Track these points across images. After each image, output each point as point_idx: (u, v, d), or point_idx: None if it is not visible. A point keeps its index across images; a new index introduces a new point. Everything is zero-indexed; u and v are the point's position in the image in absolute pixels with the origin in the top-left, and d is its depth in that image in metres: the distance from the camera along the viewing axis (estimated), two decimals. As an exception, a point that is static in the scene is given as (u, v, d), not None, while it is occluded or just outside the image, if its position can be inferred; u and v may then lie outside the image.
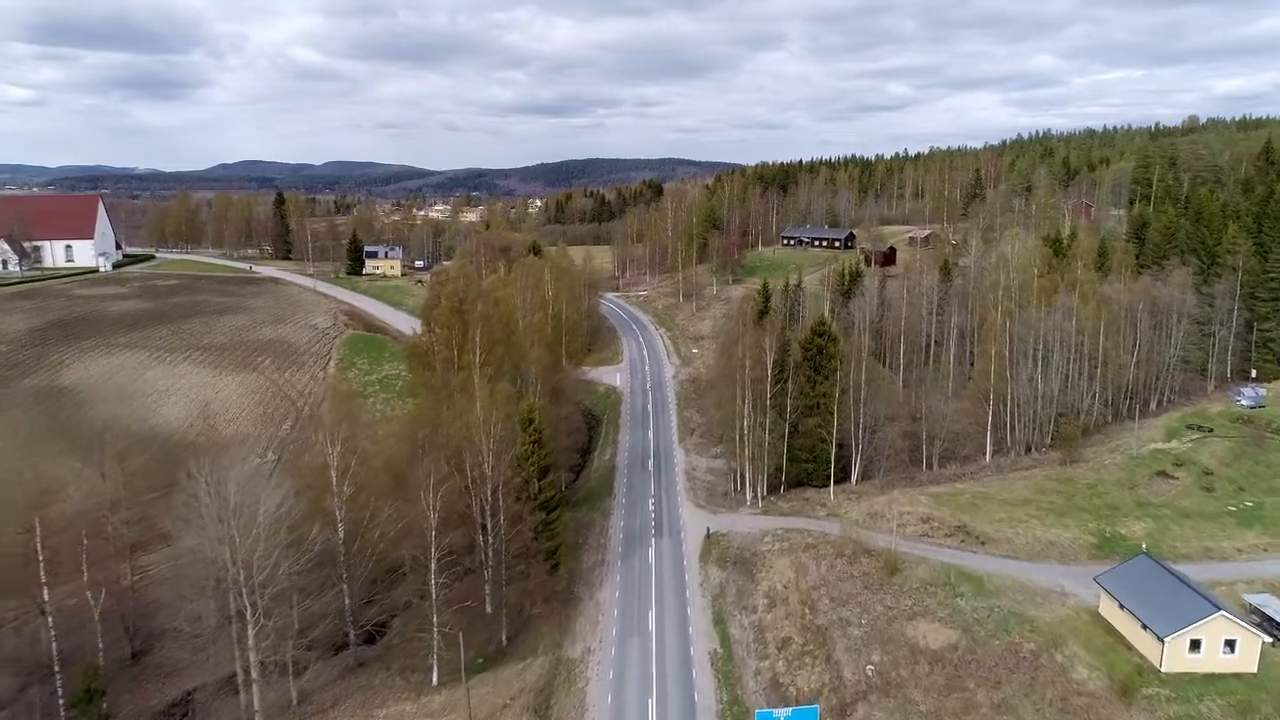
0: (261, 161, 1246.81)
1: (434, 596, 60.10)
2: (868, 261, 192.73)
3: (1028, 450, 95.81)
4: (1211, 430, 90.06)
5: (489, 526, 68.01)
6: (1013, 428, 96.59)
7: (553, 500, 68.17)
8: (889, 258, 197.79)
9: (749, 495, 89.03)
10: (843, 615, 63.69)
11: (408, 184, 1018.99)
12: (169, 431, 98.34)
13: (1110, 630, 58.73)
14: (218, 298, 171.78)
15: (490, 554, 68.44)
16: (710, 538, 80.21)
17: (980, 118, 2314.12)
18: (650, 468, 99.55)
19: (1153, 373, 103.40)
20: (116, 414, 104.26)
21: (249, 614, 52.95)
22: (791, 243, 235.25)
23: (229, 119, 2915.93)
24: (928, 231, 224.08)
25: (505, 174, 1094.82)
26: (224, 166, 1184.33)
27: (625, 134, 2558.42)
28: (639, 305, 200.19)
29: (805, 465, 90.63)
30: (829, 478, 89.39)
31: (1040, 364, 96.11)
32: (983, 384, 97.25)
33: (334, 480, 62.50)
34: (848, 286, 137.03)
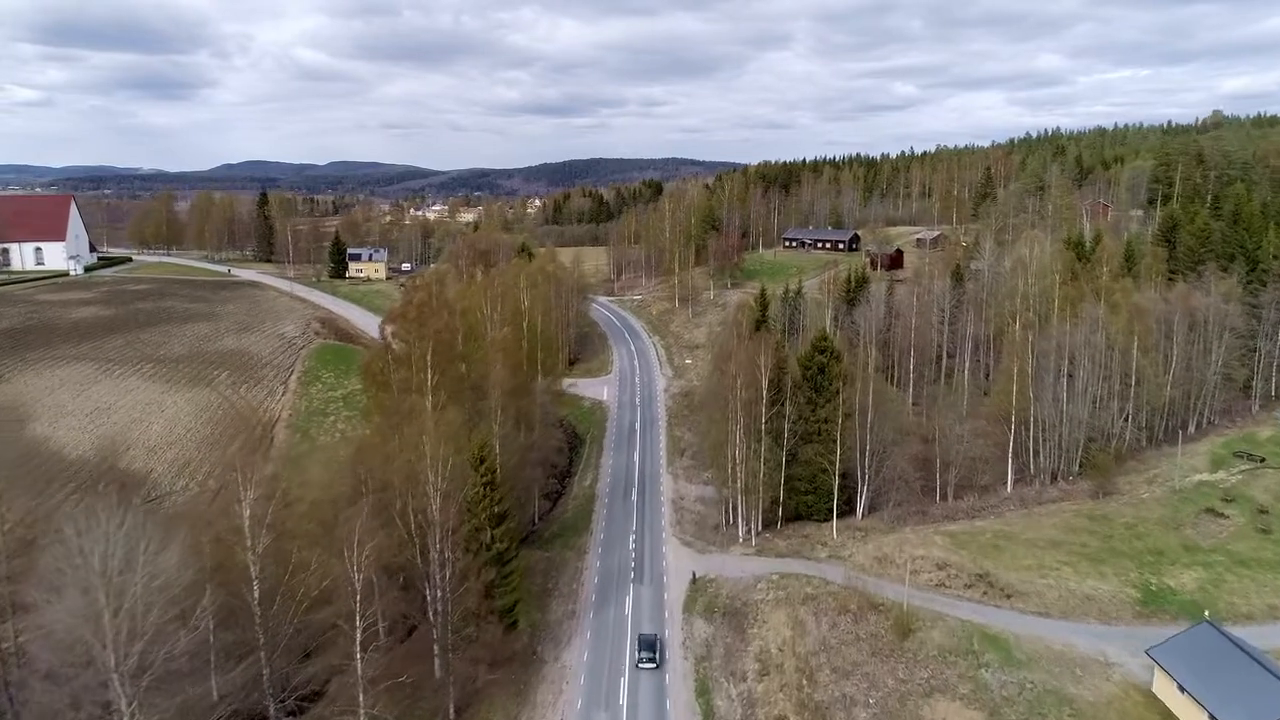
0: (266, 162, 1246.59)
1: (359, 673, 50.56)
2: (873, 265, 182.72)
3: (1053, 479, 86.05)
4: (1264, 459, 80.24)
5: (438, 579, 58.64)
6: (1036, 453, 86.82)
7: (509, 552, 58.57)
8: (896, 261, 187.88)
9: (741, 531, 79.46)
10: (846, 691, 54.06)
11: (411, 184, 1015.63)
12: (101, 456, 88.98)
13: (1168, 717, 49.08)
14: (186, 304, 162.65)
15: (439, 611, 59.03)
16: (696, 583, 70.71)
17: (985, 117, 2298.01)
18: (634, 496, 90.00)
19: (1191, 391, 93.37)
20: (50, 436, 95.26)
21: (124, 705, 43.43)
22: (793, 244, 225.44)
23: (234, 119, 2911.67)
24: (937, 233, 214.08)
25: (509, 174, 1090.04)
26: (228, 167, 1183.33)
27: (629, 134, 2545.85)
28: (633, 310, 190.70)
29: (804, 497, 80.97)
30: (831, 511, 79.72)
31: (1066, 382, 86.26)
32: (1002, 404, 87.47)
33: (247, 531, 52.99)
34: (852, 293, 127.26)
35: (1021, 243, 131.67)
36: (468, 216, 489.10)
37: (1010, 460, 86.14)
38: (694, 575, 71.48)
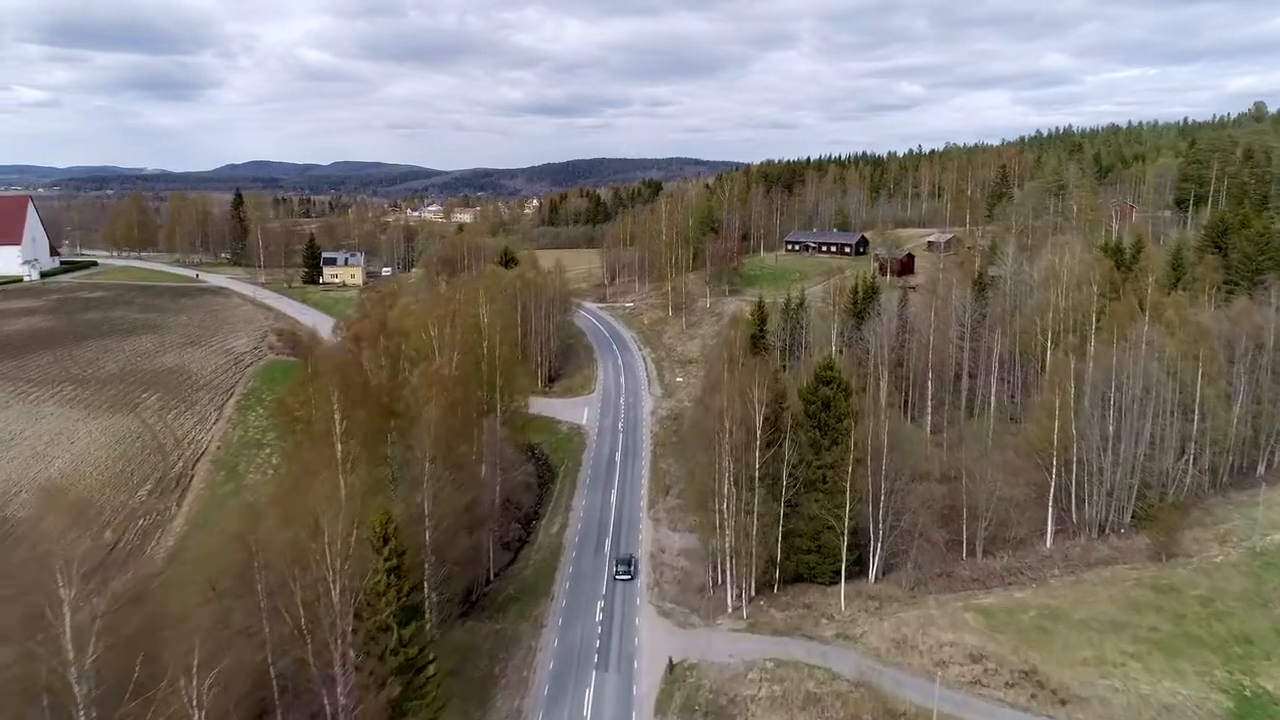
0: (269, 162, 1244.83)
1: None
2: (883, 270, 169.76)
3: (1101, 531, 72.85)
4: (1361, 515, 67.03)
5: (339, 689, 45.90)
6: (1080, 501, 73.66)
7: (423, 656, 45.67)
8: (907, 266, 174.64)
9: (730, 596, 66.41)
10: None
11: (414, 184, 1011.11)
12: (-15, 501, 76.35)
13: None
14: (138, 313, 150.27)
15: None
16: (673, 671, 57.67)
17: (990, 117, 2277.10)
18: (607, 548, 77.00)
19: (1262, 426, 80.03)
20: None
21: None
22: (796, 248, 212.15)
23: (238, 119, 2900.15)
24: (950, 235, 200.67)
25: (512, 174, 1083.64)
26: (232, 167, 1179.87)
27: (634, 133, 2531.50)
28: (624, 319, 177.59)
29: (806, 557, 67.94)
30: (839, 572, 66.68)
31: (1114, 415, 73.03)
32: (1039, 441, 74.33)
33: (69, 643, 40.11)
34: (860, 304, 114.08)
35: (1049, 248, 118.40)
36: (464, 217, 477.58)
37: (1050, 508, 72.96)
38: (670, 661, 58.43)
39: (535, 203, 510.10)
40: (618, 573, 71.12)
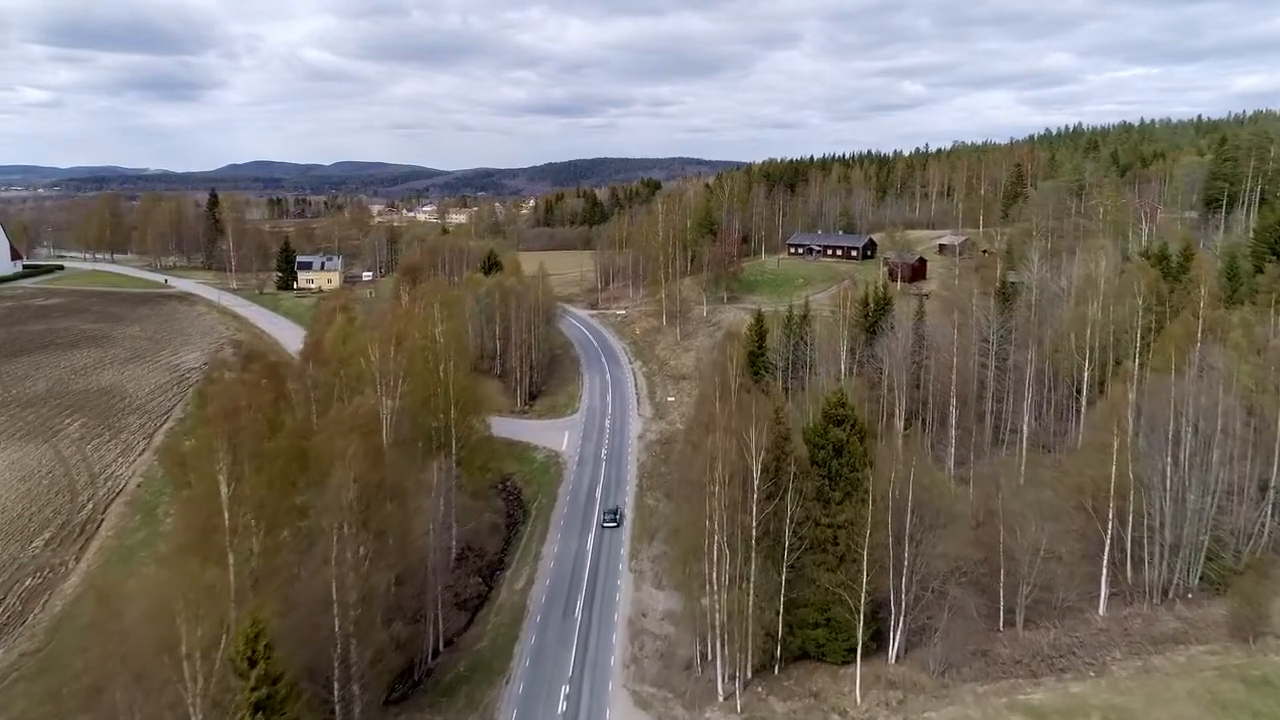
0: (271, 162, 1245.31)
1: None
2: (893, 276, 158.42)
3: (1164, 596, 61.25)
4: None
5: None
6: (1137, 560, 62.11)
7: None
8: (919, 271, 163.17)
9: (721, 677, 55.05)
10: None
11: (416, 184, 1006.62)
12: None
13: None
14: (89, 323, 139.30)
15: None
16: (649, 788, 46.42)
17: (993, 116, 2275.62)
18: (577, 612, 65.65)
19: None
20: None
21: None
22: (799, 251, 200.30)
23: (241, 120, 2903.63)
24: (963, 237, 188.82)
25: (513, 174, 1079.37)
26: (234, 167, 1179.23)
27: (637, 133, 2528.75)
28: (615, 328, 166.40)
29: (814, 632, 56.47)
30: (853, 649, 55.24)
31: (1185, 457, 61.47)
32: (1090, 487, 62.75)
33: None
34: (872, 318, 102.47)
35: (1080, 255, 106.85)
36: (459, 218, 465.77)
37: (1104, 569, 61.33)
38: (645, 776, 47.20)
39: (532, 203, 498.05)
40: (605, 521, 78.58)
